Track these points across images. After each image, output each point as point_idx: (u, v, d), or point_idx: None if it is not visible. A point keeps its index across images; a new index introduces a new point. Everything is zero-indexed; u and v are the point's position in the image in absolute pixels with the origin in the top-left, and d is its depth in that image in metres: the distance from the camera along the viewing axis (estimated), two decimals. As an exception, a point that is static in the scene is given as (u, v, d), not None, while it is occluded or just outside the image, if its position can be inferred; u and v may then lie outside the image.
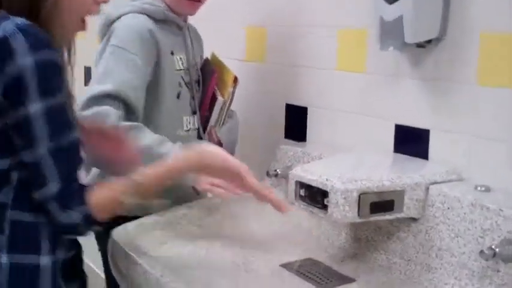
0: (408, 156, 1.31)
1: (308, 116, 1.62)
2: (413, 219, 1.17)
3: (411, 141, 1.32)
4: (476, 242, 1.06)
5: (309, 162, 1.49)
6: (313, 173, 1.16)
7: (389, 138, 1.37)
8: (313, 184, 1.15)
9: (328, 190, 1.11)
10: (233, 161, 1.15)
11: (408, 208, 1.15)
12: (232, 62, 1.68)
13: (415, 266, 1.15)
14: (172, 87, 1.43)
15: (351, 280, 1.15)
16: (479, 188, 1.13)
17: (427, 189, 1.16)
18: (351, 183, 1.11)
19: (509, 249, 0.99)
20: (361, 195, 1.11)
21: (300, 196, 1.19)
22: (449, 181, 1.18)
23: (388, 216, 1.13)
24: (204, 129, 1.55)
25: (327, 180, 1.12)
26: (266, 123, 1.78)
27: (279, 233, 1.34)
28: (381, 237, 1.23)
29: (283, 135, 1.72)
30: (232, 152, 1.59)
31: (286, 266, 1.20)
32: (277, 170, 1.48)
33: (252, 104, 1.83)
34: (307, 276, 1.16)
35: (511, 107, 1.12)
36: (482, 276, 1.05)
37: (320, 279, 1.15)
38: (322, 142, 1.57)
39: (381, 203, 1.13)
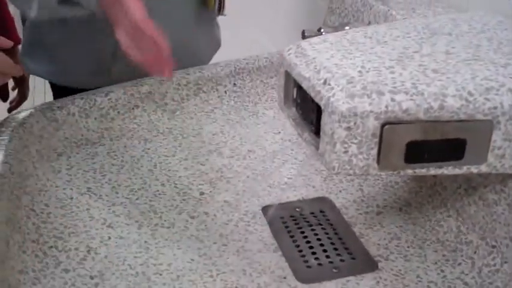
0: (544, 33, 0.65)
1: None
2: (516, 174, 0.56)
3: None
4: None
5: (369, 23, 0.89)
6: (312, 61, 0.58)
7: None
8: (304, 85, 0.57)
9: (321, 106, 0.54)
10: None
11: (501, 157, 0.54)
12: None
13: (501, 263, 0.57)
14: None
15: (369, 266, 0.60)
16: None
17: (553, 121, 0.53)
18: (370, 97, 0.51)
19: None
20: (387, 127, 0.52)
21: (293, 100, 0.63)
22: None
23: (448, 171, 0.54)
24: None
25: (325, 82, 0.54)
26: None
27: (281, 147, 0.80)
28: (455, 187, 0.64)
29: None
30: None
31: (271, 210, 0.68)
32: (322, 30, 0.89)
33: None
34: (292, 237, 0.64)
35: None
36: None
37: (313, 250, 0.62)
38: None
39: (436, 144, 0.53)
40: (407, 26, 0.69)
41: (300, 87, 0.59)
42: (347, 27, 0.85)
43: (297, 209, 0.69)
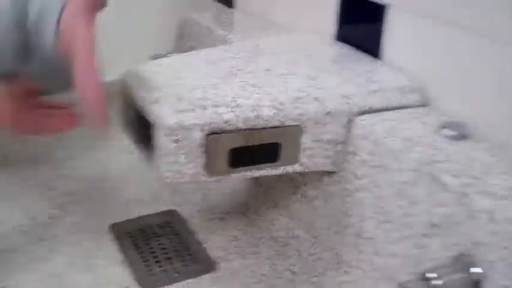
0: (353, 51, 0.78)
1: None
2: (330, 172, 0.67)
3: (359, 24, 0.78)
4: (417, 244, 0.56)
5: (214, 45, 0.98)
6: (147, 82, 0.66)
7: (330, 16, 0.83)
8: (139, 105, 0.65)
9: (153, 122, 0.62)
10: None
11: (312, 157, 0.64)
12: None
13: (321, 251, 0.68)
14: None
15: (208, 268, 0.68)
16: (446, 131, 0.60)
17: (350, 123, 0.64)
18: (194, 111, 0.60)
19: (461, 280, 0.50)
20: (211, 137, 0.60)
21: (133, 119, 0.70)
22: (402, 107, 0.66)
23: (267, 172, 0.64)
24: None
25: (156, 101, 0.62)
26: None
27: (132, 166, 0.87)
28: (283, 187, 0.75)
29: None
30: None
31: (119, 226, 0.75)
32: (170, 54, 0.98)
33: None
34: (138, 249, 0.70)
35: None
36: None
37: (157, 259, 0.69)
38: (254, 12, 1.04)
39: (255, 149, 0.63)
40: (238, 48, 0.79)
41: (137, 107, 0.67)
42: (194, 51, 0.94)
43: (146, 223, 0.76)
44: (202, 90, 0.64)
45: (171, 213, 0.78)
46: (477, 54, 0.61)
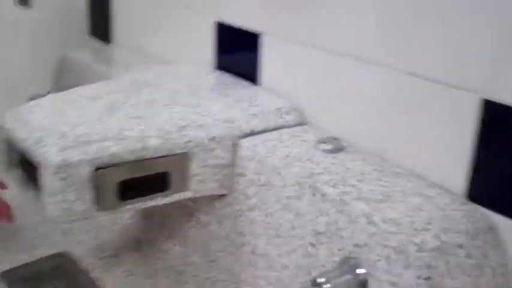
0: (232, 78, 0.82)
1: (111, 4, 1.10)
2: (221, 195, 0.70)
3: (236, 52, 0.83)
4: (305, 253, 0.60)
5: (95, 82, 0.99)
6: (28, 123, 0.66)
7: (208, 46, 0.87)
8: (22, 146, 0.65)
9: (38, 162, 0.62)
10: None
11: (201, 182, 0.67)
12: None
13: (218, 273, 0.70)
14: None
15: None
16: (323, 146, 0.65)
17: (235, 146, 0.68)
18: (79, 147, 0.61)
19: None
20: (99, 171, 0.62)
21: (17, 161, 0.70)
22: (281, 127, 0.71)
23: (158, 201, 0.66)
24: None
25: (39, 141, 0.63)
26: (62, 11, 1.24)
27: (19, 210, 0.86)
28: (178, 216, 0.77)
29: (88, 31, 1.20)
30: None
31: (10, 273, 0.73)
32: (50, 93, 0.97)
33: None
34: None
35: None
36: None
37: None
38: (131, 46, 1.06)
39: (143, 181, 0.64)
40: (119, 82, 0.81)
41: (20, 149, 0.67)
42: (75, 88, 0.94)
43: (37, 268, 0.75)
44: (86, 126, 0.65)
45: (62, 255, 0.77)
46: (345, 74, 0.67)
